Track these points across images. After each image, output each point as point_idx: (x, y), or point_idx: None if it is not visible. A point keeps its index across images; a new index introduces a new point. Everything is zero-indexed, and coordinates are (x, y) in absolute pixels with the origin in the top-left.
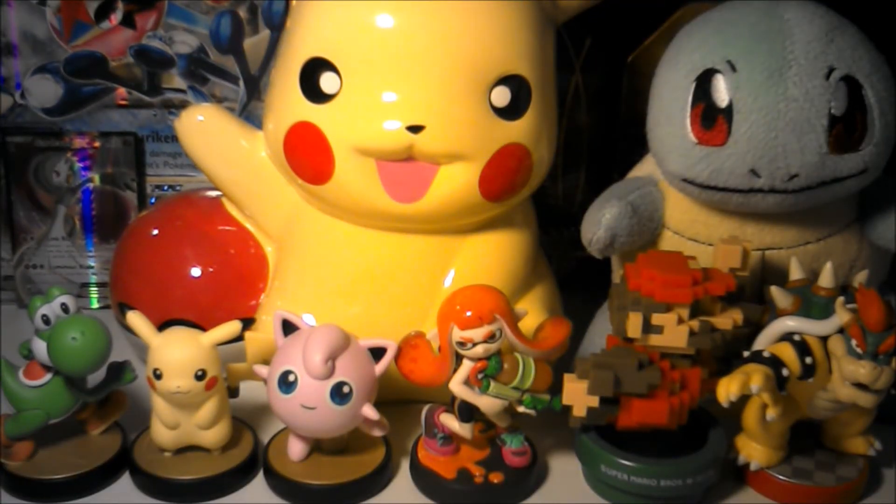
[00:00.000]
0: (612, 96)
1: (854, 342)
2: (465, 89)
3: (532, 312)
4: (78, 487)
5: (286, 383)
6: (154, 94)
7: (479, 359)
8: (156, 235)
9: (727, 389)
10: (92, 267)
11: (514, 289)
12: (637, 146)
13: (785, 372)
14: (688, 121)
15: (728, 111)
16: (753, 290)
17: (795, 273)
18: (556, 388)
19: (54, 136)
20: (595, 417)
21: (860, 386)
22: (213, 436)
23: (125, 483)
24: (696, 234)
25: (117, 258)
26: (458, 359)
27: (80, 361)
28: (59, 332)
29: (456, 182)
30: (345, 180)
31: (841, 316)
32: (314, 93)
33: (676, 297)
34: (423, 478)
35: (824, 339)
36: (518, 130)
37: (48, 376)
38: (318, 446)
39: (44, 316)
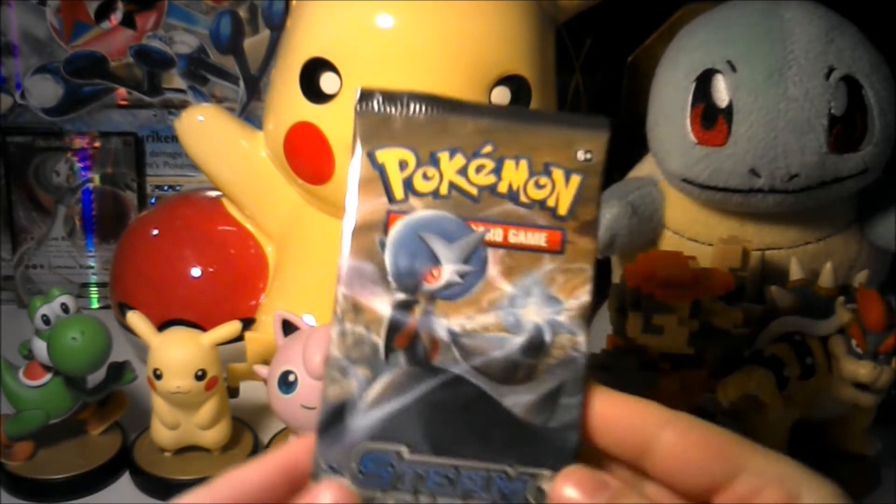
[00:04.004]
0: (612, 96)
1: (854, 342)
2: (464, 89)
3: None
4: (78, 487)
5: (286, 383)
6: (154, 94)
7: None
8: (156, 235)
9: (727, 390)
10: (92, 267)
11: None
12: (637, 146)
13: (785, 372)
14: (688, 121)
15: (728, 111)
16: (753, 290)
17: (795, 273)
18: None
19: (54, 136)
20: None
21: (860, 386)
22: (213, 436)
23: (125, 483)
24: (696, 234)
25: (117, 258)
26: None
27: (80, 361)
28: (59, 332)
29: None
30: (345, 180)
31: (841, 316)
32: (314, 93)
33: (676, 297)
34: None
35: (824, 339)
36: None
37: (48, 376)
38: None
39: (44, 316)
